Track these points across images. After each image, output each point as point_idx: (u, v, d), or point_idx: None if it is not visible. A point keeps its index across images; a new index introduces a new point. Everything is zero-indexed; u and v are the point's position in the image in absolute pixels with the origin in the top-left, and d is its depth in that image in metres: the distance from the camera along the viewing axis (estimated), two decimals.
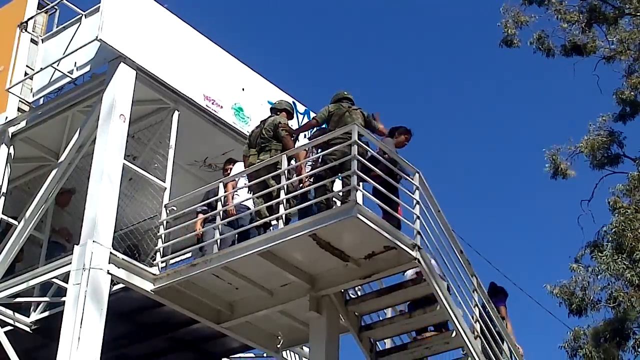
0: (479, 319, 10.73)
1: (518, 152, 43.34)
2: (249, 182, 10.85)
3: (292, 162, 10.70)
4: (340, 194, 10.41)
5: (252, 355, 14.09)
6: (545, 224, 41.68)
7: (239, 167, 11.46)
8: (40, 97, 12.55)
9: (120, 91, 11.28)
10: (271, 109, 11.66)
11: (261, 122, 11.33)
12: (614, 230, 21.13)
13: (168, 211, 11.31)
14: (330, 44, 45.30)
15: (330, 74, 43.97)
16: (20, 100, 12.45)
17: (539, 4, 25.82)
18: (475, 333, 10.59)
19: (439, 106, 44.87)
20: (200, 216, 11.21)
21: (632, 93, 24.56)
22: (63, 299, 10.52)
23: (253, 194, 10.78)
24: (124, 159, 11.11)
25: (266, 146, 10.94)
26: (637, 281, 20.13)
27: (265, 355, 13.40)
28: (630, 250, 20.35)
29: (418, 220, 10.30)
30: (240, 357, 14.22)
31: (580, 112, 39.86)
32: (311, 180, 10.64)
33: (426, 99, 44.91)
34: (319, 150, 10.85)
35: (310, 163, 10.91)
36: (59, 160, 11.87)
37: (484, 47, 44.34)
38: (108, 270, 10.28)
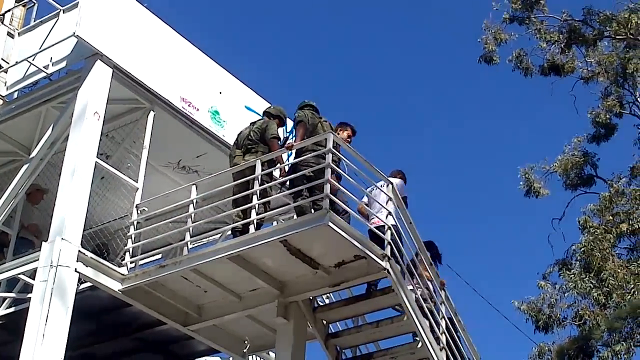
0: (445, 330, 10.78)
1: (493, 169, 43.64)
2: (233, 181, 10.78)
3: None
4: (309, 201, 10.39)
5: (218, 358, 14.05)
6: (516, 241, 41.98)
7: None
8: (15, 91, 12.45)
9: (95, 89, 11.21)
10: (264, 112, 11.64)
11: (251, 123, 11.33)
12: (582, 249, 21.35)
13: (139, 212, 11.24)
14: (309, 51, 45.40)
15: (308, 81, 44.06)
16: None
17: (520, 22, 26.07)
18: (441, 345, 10.63)
19: (413, 120, 45.08)
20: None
21: (607, 115, 24.83)
22: (29, 295, 10.42)
23: (233, 195, 10.74)
24: (97, 157, 11.03)
25: (252, 148, 10.94)
26: (603, 300, 20.35)
27: (231, 359, 13.34)
28: (597, 270, 20.57)
29: (389, 231, 10.33)
30: None
31: (557, 130, 40.20)
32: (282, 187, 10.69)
33: (401, 111, 45.09)
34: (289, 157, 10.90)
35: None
36: (31, 156, 11.77)
37: (463, 63, 44.58)
38: (76, 269, 10.19)
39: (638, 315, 18.53)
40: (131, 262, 10.98)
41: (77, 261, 10.24)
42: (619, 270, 20.43)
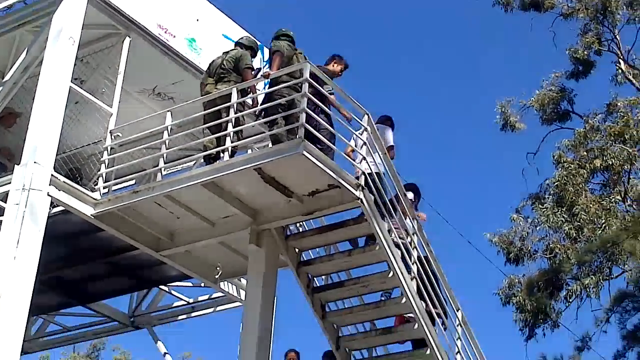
0: (417, 261, 10.90)
1: (469, 102, 43.72)
2: (205, 110, 10.76)
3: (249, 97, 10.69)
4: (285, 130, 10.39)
5: (189, 284, 14.18)
6: (490, 175, 42.34)
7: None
8: None
9: (70, 14, 11.06)
10: (236, 43, 11.57)
11: (224, 53, 11.27)
12: (556, 184, 21.57)
13: (113, 137, 11.22)
14: None
15: (289, 11, 43.68)
16: None
17: None
18: (412, 274, 10.76)
19: (391, 52, 44.91)
20: None
21: (585, 52, 24.87)
22: (1, 218, 10.42)
23: (204, 124, 10.74)
24: (71, 82, 10.95)
25: (225, 77, 10.90)
26: (574, 234, 20.64)
27: (202, 285, 13.47)
28: (570, 204, 20.81)
29: (364, 161, 10.38)
30: (177, 286, 14.32)
31: (535, 66, 40.25)
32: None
33: (377, 46, 44.88)
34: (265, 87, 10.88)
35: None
36: (4, 80, 11.66)
37: None
38: (48, 192, 10.18)
39: (608, 249, 18.80)
40: (104, 187, 10.96)
41: (49, 185, 10.23)
42: (591, 205, 20.68)
